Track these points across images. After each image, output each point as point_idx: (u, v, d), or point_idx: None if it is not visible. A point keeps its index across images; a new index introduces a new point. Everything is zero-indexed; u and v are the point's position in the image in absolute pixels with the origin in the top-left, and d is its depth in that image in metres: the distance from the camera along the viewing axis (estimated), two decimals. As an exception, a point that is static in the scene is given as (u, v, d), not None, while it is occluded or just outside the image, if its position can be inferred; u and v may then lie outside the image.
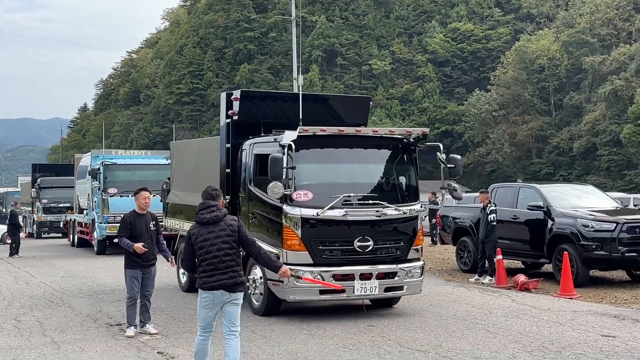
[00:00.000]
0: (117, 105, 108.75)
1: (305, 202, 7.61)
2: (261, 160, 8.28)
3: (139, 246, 7.36)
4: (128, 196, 14.92)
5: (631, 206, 18.00)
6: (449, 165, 8.67)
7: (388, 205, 8.03)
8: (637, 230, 10.88)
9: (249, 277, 8.37)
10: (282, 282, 7.39)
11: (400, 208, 8.16)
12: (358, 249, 7.75)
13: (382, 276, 7.90)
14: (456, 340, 6.93)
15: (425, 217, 17.01)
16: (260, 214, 8.45)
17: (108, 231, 17.86)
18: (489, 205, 11.72)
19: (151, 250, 7.71)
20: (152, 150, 26.07)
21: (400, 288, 8.14)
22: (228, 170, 9.15)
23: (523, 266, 13.94)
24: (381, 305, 9.01)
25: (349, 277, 7.67)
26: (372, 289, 7.75)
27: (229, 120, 9.14)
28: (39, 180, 29.33)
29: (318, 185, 7.97)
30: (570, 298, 9.71)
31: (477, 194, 13.46)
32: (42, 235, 28.80)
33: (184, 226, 10.77)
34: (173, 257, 9.65)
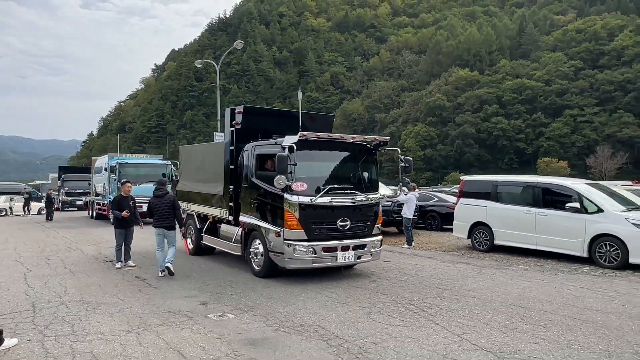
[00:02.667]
0: (111, 133, 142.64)
1: (302, 191, 8.01)
2: (262, 158, 8.92)
3: (124, 213, 9.86)
4: (136, 184, 15.94)
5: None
6: (405, 165, 9.46)
7: (360, 194, 8.62)
8: (396, 205, 15.14)
9: (251, 249, 8.99)
10: (283, 253, 8.04)
11: (368, 196, 8.73)
12: (340, 227, 8.31)
13: (355, 247, 8.48)
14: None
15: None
16: (262, 200, 8.75)
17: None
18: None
19: (131, 217, 10.02)
20: (150, 155, 29.92)
21: (368, 255, 8.77)
22: (232, 167, 9.64)
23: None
24: (346, 268, 9.45)
25: (333, 249, 8.23)
26: (350, 257, 8.44)
27: (233, 128, 9.69)
28: (62, 176, 35.29)
29: (310, 178, 8.22)
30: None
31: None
32: (65, 209, 33.55)
33: (190, 207, 11.80)
34: (179, 227, 10.62)
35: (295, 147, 7.78)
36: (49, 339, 5.39)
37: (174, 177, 18.27)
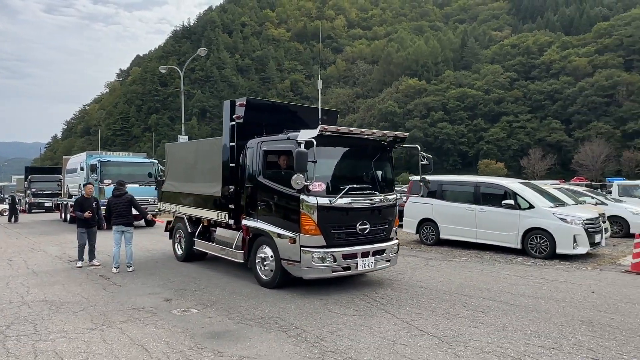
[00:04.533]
0: (76, 135, 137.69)
1: (320, 192, 6.76)
2: (271, 155, 7.60)
3: (87, 214, 9.44)
4: None
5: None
6: (426, 162, 8.10)
7: (379, 194, 7.43)
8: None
9: (258, 255, 7.58)
10: (299, 261, 6.75)
11: (387, 197, 7.58)
12: (359, 231, 7.06)
13: (375, 253, 7.26)
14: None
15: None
16: (271, 202, 7.41)
17: (104, 213, 16.14)
18: None
19: (93, 217, 9.61)
20: (133, 152, 25.59)
21: (387, 261, 7.56)
22: (233, 165, 8.18)
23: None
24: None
25: (353, 255, 6.99)
26: (370, 264, 7.19)
27: (233, 123, 8.19)
28: (29, 177, 32.10)
29: (326, 177, 6.97)
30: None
31: None
32: (32, 211, 30.62)
33: (180, 209, 10.22)
34: (169, 232, 10.74)
35: (314, 143, 6.49)
36: (11, 339, 5.11)
37: (158, 177, 15.93)
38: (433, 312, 6.11)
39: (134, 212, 9.47)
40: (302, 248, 6.78)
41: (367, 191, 7.37)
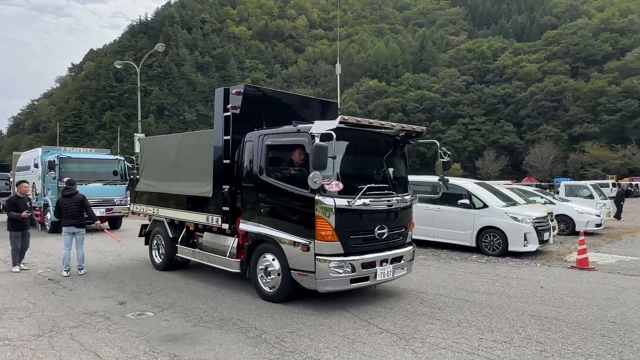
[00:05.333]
0: (23, 132, 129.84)
1: (337, 192, 5.85)
2: (277, 151, 6.70)
3: (24, 214, 8.81)
4: (82, 184, 13.39)
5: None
6: (446, 160, 7.29)
7: (397, 195, 6.64)
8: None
9: (260, 264, 6.65)
10: (313, 272, 5.89)
11: (405, 197, 6.81)
12: (377, 236, 6.27)
13: (393, 260, 6.51)
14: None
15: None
16: (278, 203, 6.48)
17: (53, 214, 14.25)
18: None
19: (29, 219, 9.02)
20: (95, 149, 22.90)
21: (403, 269, 6.80)
22: (227, 162, 7.14)
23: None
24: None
25: (372, 264, 6.19)
26: (389, 272, 6.41)
27: (228, 113, 7.10)
28: None
29: (343, 175, 6.05)
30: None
31: None
32: None
33: (158, 212, 9.03)
34: (144, 238, 9.61)
35: (334, 136, 5.62)
36: (-52, 349, 4.76)
37: (130, 176, 13.74)
38: (391, 310, 6.21)
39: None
40: (317, 257, 5.89)
41: (385, 191, 6.56)
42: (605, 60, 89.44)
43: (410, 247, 7.03)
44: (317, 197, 5.87)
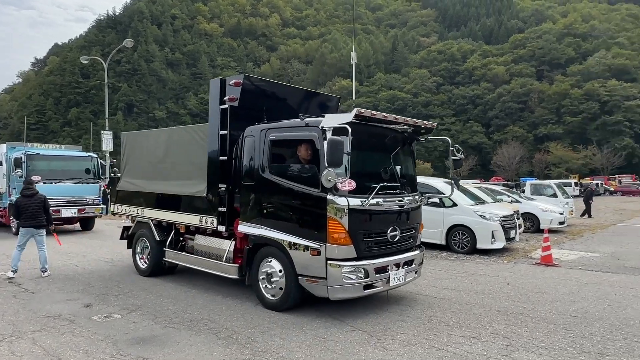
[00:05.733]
0: None
1: (349, 191, 5.39)
2: (282, 146, 6.17)
3: None
4: (52, 183, 13.20)
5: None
6: (459, 157, 6.73)
7: (408, 194, 6.25)
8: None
9: (262, 270, 6.09)
10: (324, 278, 5.40)
11: (415, 197, 6.40)
12: (390, 239, 5.81)
13: (405, 264, 6.09)
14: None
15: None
16: (284, 204, 5.91)
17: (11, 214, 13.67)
18: None
19: None
20: (65, 146, 20.63)
21: (415, 273, 6.43)
22: (224, 158, 6.52)
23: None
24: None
25: (385, 268, 5.73)
26: (401, 277, 5.97)
27: (224, 106, 6.52)
28: None
29: (353, 173, 5.41)
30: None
31: None
32: None
33: (143, 212, 8.29)
34: (126, 241, 8.85)
35: (349, 130, 5.15)
36: None
37: (111, 174, 11.99)
38: (364, 308, 6.24)
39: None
40: (329, 261, 5.41)
41: (396, 190, 6.15)
42: (568, 64, 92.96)
43: (420, 250, 6.66)
44: (328, 196, 5.38)
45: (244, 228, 6.34)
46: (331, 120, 5.45)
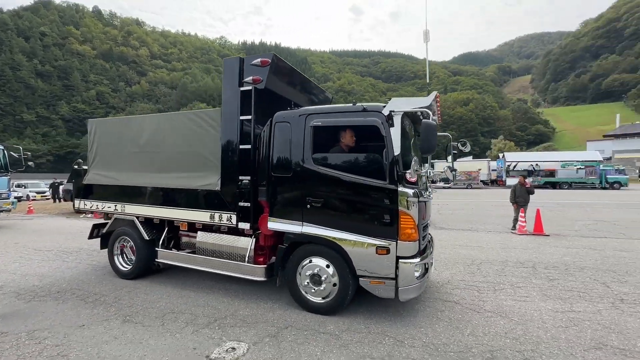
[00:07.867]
0: None
1: (414, 183, 3.48)
2: (329, 133, 3.82)
3: None
4: None
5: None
6: (459, 151, 4.57)
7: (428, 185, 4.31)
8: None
9: (306, 271, 3.81)
10: (393, 279, 3.45)
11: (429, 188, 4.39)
12: (423, 231, 3.81)
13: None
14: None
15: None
16: (340, 198, 3.64)
17: None
18: None
19: None
20: None
21: (433, 267, 4.53)
22: (246, 147, 4.00)
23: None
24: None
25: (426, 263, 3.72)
26: (431, 273, 4.36)
27: (247, 88, 4.00)
28: None
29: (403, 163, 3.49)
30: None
31: None
32: None
33: (124, 208, 5.00)
34: (101, 240, 5.35)
35: (430, 114, 3.50)
36: None
37: (75, 166, 5.85)
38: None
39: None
40: (400, 260, 3.45)
41: (424, 180, 4.14)
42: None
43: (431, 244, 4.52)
44: (400, 188, 3.42)
45: (276, 225, 3.92)
46: (399, 104, 3.46)
